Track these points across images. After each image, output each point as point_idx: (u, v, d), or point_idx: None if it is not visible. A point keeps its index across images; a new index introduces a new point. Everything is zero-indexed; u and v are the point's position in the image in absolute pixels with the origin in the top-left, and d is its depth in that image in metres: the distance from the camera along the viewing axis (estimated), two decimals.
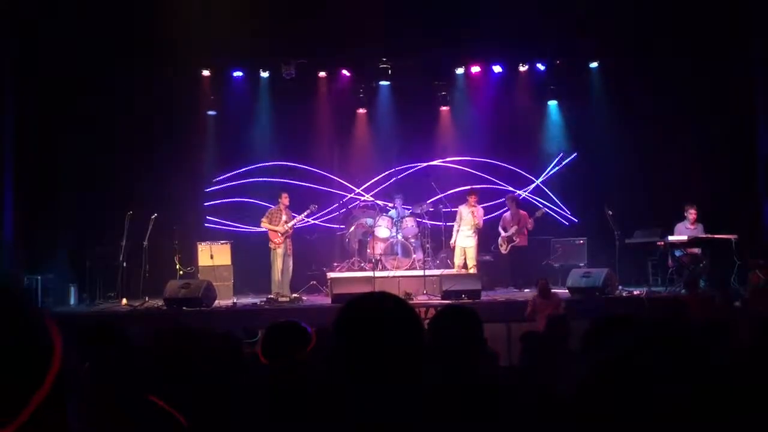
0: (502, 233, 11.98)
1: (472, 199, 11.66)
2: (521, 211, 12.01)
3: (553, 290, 9.18)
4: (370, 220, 12.26)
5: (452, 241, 11.63)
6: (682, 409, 1.00)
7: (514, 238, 11.79)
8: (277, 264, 10.88)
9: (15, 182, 10.39)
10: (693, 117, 12.02)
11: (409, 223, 12.15)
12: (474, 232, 11.57)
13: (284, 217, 10.97)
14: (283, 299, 10.57)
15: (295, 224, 11.16)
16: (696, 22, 11.36)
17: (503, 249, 11.98)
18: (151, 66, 11.60)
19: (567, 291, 10.31)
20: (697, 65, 11.84)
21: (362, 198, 13.26)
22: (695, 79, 11.90)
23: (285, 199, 11.11)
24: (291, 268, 11.10)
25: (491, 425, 2.02)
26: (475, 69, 13.31)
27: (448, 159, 13.66)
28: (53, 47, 10.74)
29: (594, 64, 13.13)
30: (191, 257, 11.57)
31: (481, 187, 12.99)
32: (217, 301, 10.28)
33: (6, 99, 10.33)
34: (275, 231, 10.89)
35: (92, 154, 11.75)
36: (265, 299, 10.54)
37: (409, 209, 12.39)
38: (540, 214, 12.08)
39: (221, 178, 13.06)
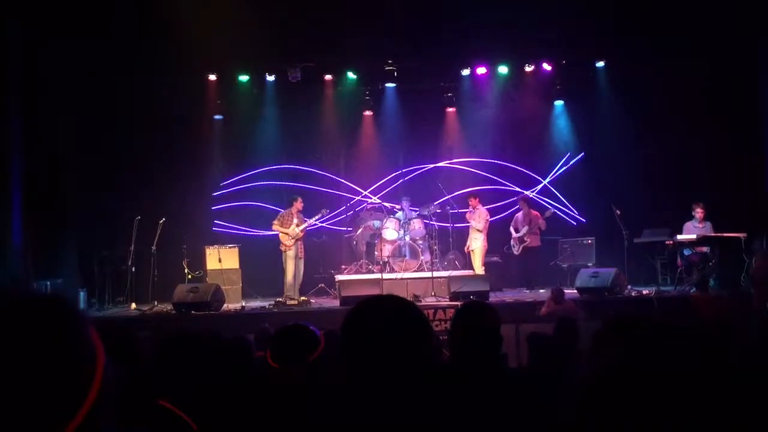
0: (514, 234, 11.97)
1: (471, 203, 11.74)
2: (533, 212, 11.99)
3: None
4: (377, 223, 12.27)
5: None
6: (692, 411, 1.00)
7: (525, 238, 11.77)
8: (290, 266, 10.87)
9: (24, 188, 10.43)
10: (700, 115, 11.97)
11: (417, 224, 12.15)
12: (479, 234, 11.58)
13: (295, 221, 10.94)
14: (292, 302, 10.57)
15: (306, 228, 11.14)
16: (702, 20, 11.30)
17: (516, 250, 11.95)
18: (157, 71, 11.63)
19: (576, 291, 10.28)
20: (704, 63, 11.78)
21: (369, 200, 13.27)
22: (702, 77, 11.84)
23: (299, 204, 11.05)
24: (302, 272, 11.07)
25: (494, 425, 2.02)
26: (481, 70, 13.30)
27: (454, 160, 13.66)
28: (60, 52, 10.78)
29: (600, 64, 13.09)
30: (199, 261, 11.59)
31: (487, 189, 13.00)
32: (225, 305, 10.30)
33: (13, 104, 10.38)
34: (286, 234, 10.89)
35: (100, 158, 11.80)
36: (273, 302, 10.55)
37: (416, 211, 12.39)
38: (549, 214, 12.06)
39: (228, 182, 13.09)
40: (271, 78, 13.05)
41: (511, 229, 12.06)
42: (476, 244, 11.61)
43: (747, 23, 11.32)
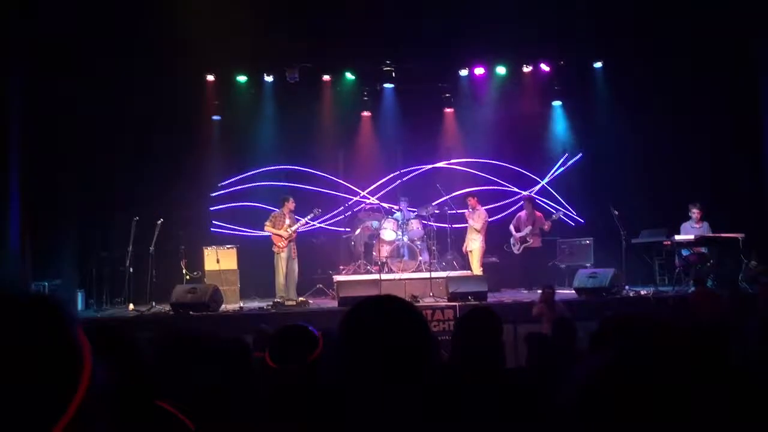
0: (514, 233, 11.95)
1: (470, 203, 11.73)
2: (537, 213, 11.99)
3: (558, 293, 9.03)
4: (375, 223, 12.27)
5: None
6: (687, 411, 1.00)
7: (528, 238, 11.77)
8: (281, 267, 10.85)
9: (21, 189, 10.41)
10: (698, 116, 11.98)
11: (415, 225, 12.15)
12: (477, 234, 11.57)
13: (288, 221, 10.93)
14: (290, 303, 10.56)
15: (299, 228, 11.13)
16: (700, 21, 11.32)
17: (516, 249, 11.94)
18: (155, 71, 11.62)
19: (574, 291, 10.28)
20: (702, 64, 11.79)
21: (367, 201, 13.27)
22: (700, 77, 11.86)
23: (290, 204, 11.07)
24: (296, 272, 11.05)
25: (492, 425, 2.02)
26: (479, 70, 13.30)
27: (452, 161, 13.66)
28: (57, 52, 10.76)
29: (598, 64, 13.11)
30: (198, 262, 11.58)
31: (486, 189, 13.00)
32: (223, 306, 10.29)
33: (11, 105, 10.36)
34: (279, 235, 10.88)
35: (98, 159, 11.78)
36: (271, 303, 10.54)
37: (414, 211, 12.39)
38: (556, 218, 12.04)
39: (227, 182, 13.08)
40: (269, 78, 13.05)
41: (511, 228, 12.05)
42: (474, 244, 11.62)
43: (746, 23, 11.32)
